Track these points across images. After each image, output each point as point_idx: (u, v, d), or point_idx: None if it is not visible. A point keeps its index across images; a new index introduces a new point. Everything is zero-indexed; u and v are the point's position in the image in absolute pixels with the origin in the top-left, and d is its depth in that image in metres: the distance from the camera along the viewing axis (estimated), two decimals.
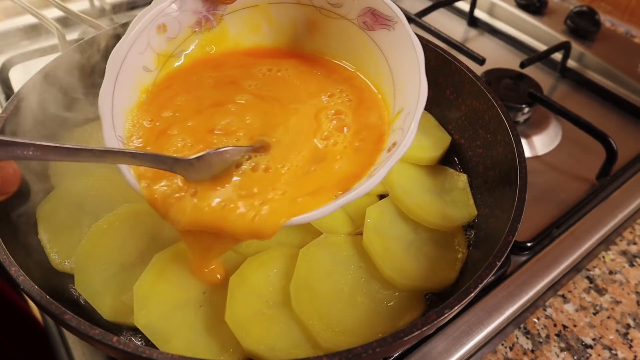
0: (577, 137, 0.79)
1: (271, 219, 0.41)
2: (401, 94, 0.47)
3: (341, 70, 0.55)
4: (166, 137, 0.47)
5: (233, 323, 0.45)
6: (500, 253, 0.44)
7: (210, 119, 0.48)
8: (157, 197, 0.43)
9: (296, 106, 0.50)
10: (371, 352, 0.37)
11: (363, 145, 0.46)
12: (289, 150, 0.46)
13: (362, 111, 0.50)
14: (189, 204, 0.42)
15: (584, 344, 0.62)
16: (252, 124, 0.48)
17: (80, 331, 0.38)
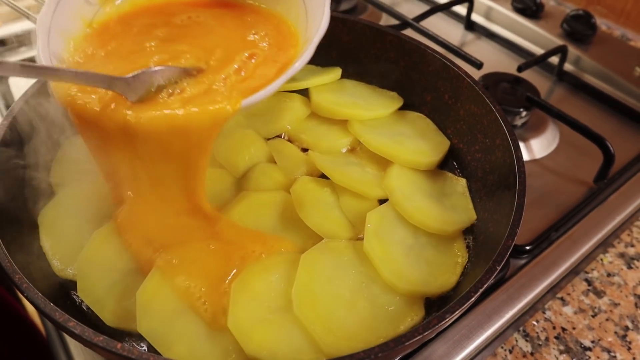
0: (575, 140, 0.79)
1: (229, 101, 0.44)
2: (311, 27, 0.51)
3: (261, 11, 0.57)
4: (103, 63, 0.49)
5: (235, 329, 0.45)
6: (500, 257, 0.44)
7: (146, 54, 0.50)
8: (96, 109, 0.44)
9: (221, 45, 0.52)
10: (373, 357, 0.37)
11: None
12: (218, 69, 0.49)
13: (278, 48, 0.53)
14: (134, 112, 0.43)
15: (583, 347, 0.62)
16: (183, 54, 0.50)
17: (84, 338, 0.39)
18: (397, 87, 0.74)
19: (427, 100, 0.71)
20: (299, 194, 0.55)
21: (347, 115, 0.67)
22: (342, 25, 0.73)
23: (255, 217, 0.54)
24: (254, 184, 0.58)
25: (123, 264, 0.51)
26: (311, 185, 0.58)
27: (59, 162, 0.60)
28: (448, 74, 0.67)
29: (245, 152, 0.61)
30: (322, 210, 0.55)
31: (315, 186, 0.58)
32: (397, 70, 0.72)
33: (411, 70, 0.71)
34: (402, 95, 0.73)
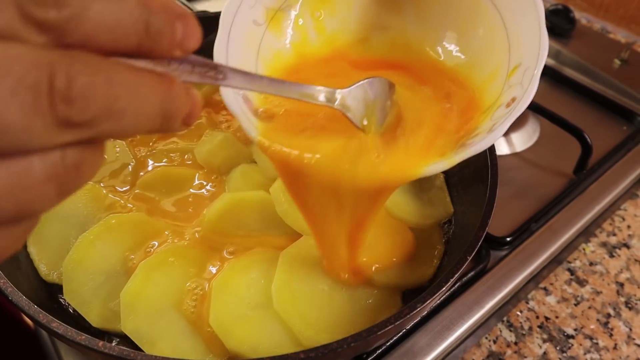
0: (555, 133, 0.80)
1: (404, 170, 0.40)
2: (517, 50, 0.44)
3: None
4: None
5: (217, 325, 0.47)
6: (471, 248, 0.46)
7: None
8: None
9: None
10: (346, 346, 0.39)
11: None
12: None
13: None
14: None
15: (566, 335, 0.63)
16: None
17: (68, 338, 0.40)
18: None
19: None
20: (278, 193, 0.56)
21: None
22: None
23: (236, 217, 0.55)
24: (234, 184, 0.59)
25: (108, 266, 0.52)
26: None
27: None
28: None
29: (226, 153, 0.63)
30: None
31: None
32: None
33: None
34: None
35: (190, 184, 0.59)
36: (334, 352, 0.38)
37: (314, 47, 0.51)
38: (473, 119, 0.43)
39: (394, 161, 0.40)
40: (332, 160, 0.39)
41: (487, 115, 0.42)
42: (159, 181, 0.59)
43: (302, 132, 0.41)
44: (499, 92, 0.43)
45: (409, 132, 0.42)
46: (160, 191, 0.59)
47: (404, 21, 0.51)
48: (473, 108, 0.45)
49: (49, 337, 0.60)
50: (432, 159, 0.40)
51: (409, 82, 0.47)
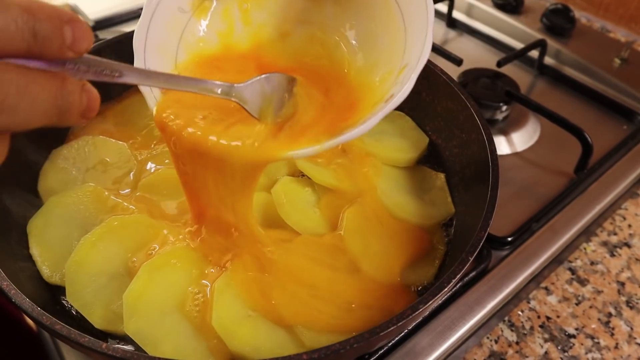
0: (555, 132, 0.81)
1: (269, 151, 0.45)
2: (409, 51, 0.48)
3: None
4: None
5: (219, 326, 0.47)
6: (472, 248, 0.46)
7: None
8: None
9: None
10: (349, 347, 0.39)
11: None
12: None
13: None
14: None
15: (567, 334, 0.63)
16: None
17: (71, 339, 0.40)
18: None
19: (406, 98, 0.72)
20: (280, 194, 0.56)
21: None
22: None
23: None
24: None
25: (111, 268, 0.52)
26: (292, 186, 0.59)
27: (46, 171, 0.62)
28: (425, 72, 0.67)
29: None
30: (301, 209, 0.57)
31: (297, 186, 0.60)
32: None
33: None
34: None
35: None
36: (336, 353, 0.38)
37: (239, 38, 0.56)
38: (354, 115, 0.48)
39: (270, 145, 0.45)
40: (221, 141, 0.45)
41: (369, 111, 0.47)
42: (160, 183, 0.59)
43: (202, 116, 0.47)
44: (387, 90, 0.47)
45: (294, 122, 0.48)
46: (162, 193, 0.59)
47: (324, 16, 0.56)
48: (357, 105, 0.49)
49: (52, 339, 0.60)
50: (303, 145, 0.45)
51: (303, 82, 0.52)
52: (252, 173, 0.47)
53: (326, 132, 0.46)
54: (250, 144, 0.45)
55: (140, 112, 0.68)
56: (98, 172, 0.61)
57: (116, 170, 0.61)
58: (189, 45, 0.53)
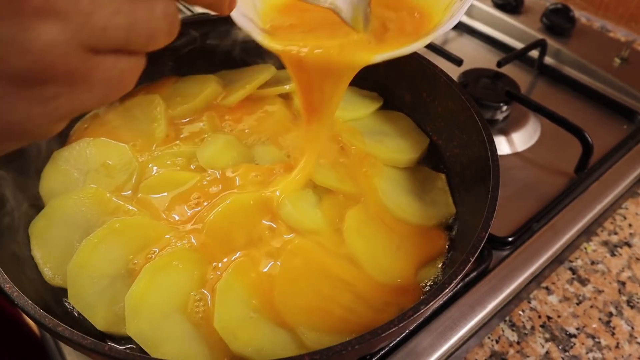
0: (556, 132, 0.81)
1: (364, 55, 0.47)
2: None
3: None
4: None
5: (221, 328, 0.47)
6: (473, 249, 0.46)
7: None
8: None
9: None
10: (350, 349, 0.39)
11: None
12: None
13: None
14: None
15: (568, 334, 0.64)
16: None
17: (73, 341, 0.40)
18: (376, 88, 0.75)
19: (407, 100, 0.73)
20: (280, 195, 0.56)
21: None
22: None
23: (238, 218, 0.56)
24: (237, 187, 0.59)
25: (112, 270, 0.52)
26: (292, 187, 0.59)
27: (48, 173, 0.62)
28: (425, 73, 0.68)
29: (228, 157, 0.63)
30: (301, 210, 0.57)
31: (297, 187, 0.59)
32: (376, 71, 0.74)
33: (390, 70, 0.73)
34: (382, 95, 0.75)
35: (194, 187, 0.59)
36: (338, 355, 0.39)
37: None
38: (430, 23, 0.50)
39: (363, 50, 0.48)
40: (323, 49, 0.48)
41: (445, 12, 0.49)
42: (162, 185, 0.60)
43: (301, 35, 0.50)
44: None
45: (382, 31, 0.50)
46: (164, 195, 0.59)
47: None
48: (426, 18, 0.52)
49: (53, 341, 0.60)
50: (396, 47, 0.47)
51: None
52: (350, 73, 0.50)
53: (412, 38, 0.48)
54: (351, 49, 0.47)
55: (142, 114, 0.69)
56: (99, 174, 0.61)
57: (117, 172, 0.62)
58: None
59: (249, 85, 0.70)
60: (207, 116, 0.68)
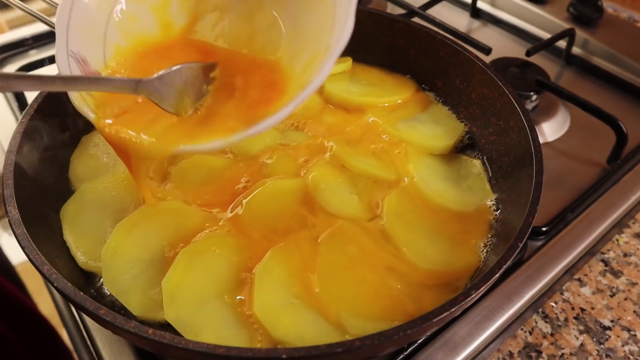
0: (586, 122, 0.79)
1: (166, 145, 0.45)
2: (334, 33, 0.45)
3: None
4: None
5: (261, 314, 0.46)
6: (521, 234, 0.45)
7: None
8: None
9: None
10: (402, 334, 0.38)
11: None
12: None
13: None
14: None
15: (603, 326, 0.62)
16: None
17: (116, 325, 0.39)
18: (408, 75, 0.74)
19: (439, 86, 0.71)
20: (317, 180, 0.55)
21: (361, 102, 0.68)
22: None
23: (275, 203, 0.55)
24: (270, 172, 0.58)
25: (147, 254, 0.51)
26: (328, 173, 0.58)
27: (77, 158, 0.61)
28: (459, 59, 0.67)
29: (260, 142, 0.62)
30: (339, 195, 0.56)
31: (333, 173, 0.59)
32: (408, 57, 0.73)
33: (421, 57, 0.72)
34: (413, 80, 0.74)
35: (227, 172, 0.58)
36: (389, 340, 0.37)
37: (176, 16, 0.54)
38: (275, 101, 0.46)
39: (171, 138, 0.46)
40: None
41: (289, 98, 0.44)
42: (194, 170, 0.59)
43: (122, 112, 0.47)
44: (310, 76, 0.44)
45: (209, 112, 0.47)
46: (196, 180, 0.58)
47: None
48: (281, 89, 0.47)
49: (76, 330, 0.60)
50: (213, 137, 0.44)
51: (227, 66, 0.51)
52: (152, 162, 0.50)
53: (242, 120, 0.45)
54: (150, 140, 0.45)
55: None
56: None
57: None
58: (123, 26, 0.51)
59: None
60: None
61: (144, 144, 0.45)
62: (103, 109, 0.47)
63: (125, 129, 0.46)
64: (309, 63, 0.46)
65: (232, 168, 0.59)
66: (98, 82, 0.42)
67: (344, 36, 0.41)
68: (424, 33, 0.69)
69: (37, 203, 0.54)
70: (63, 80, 0.40)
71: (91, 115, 0.46)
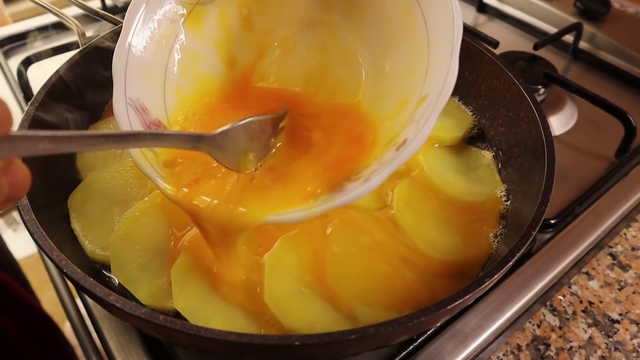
0: (593, 116, 0.79)
1: (249, 216, 0.41)
2: (431, 75, 0.39)
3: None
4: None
5: (272, 303, 0.46)
6: (534, 223, 0.45)
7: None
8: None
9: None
10: (416, 321, 0.37)
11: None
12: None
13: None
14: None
15: (611, 319, 0.62)
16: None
17: (127, 311, 0.39)
18: None
19: None
20: None
21: None
22: None
23: None
24: None
25: (156, 243, 0.51)
26: None
27: None
28: (468, 51, 0.66)
29: None
30: None
31: None
32: None
33: None
34: None
35: None
36: (404, 327, 0.37)
37: (240, 51, 0.48)
38: (361, 157, 0.39)
39: (247, 205, 0.40)
40: (212, 206, 0.42)
41: (376, 157, 0.38)
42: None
43: (195, 179, 0.43)
44: (402, 127, 0.38)
45: (281, 173, 0.41)
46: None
47: (332, 17, 0.47)
48: (365, 141, 0.41)
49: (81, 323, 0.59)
50: (291, 207, 0.39)
51: (299, 117, 0.45)
52: (231, 236, 0.43)
53: (324, 183, 0.39)
54: (224, 207, 0.40)
55: None
56: None
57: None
58: (184, 65, 0.45)
59: None
60: None
61: (233, 213, 0.41)
62: (170, 170, 0.43)
63: (202, 198, 0.42)
64: (396, 111, 0.40)
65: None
66: (156, 137, 0.37)
67: (447, 85, 0.36)
68: None
69: (44, 192, 0.54)
70: (115, 137, 0.34)
71: (169, 189, 0.42)
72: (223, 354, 0.43)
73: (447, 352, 0.53)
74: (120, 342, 0.54)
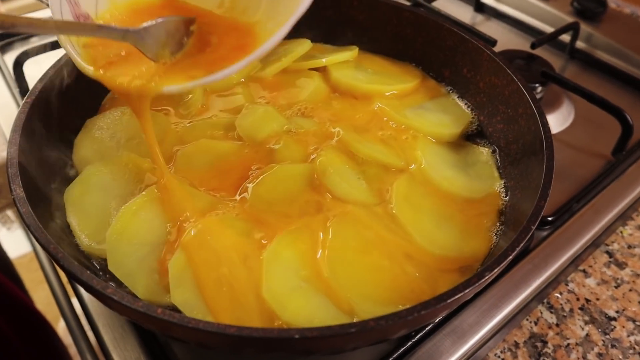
0: (590, 114, 0.79)
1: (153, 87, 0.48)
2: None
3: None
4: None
5: (270, 297, 0.45)
6: (534, 217, 0.45)
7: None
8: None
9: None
10: (416, 314, 0.37)
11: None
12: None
13: None
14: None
15: (608, 317, 0.62)
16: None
17: (124, 304, 0.38)
18: (415, 64, 0.74)
19: (446, 75, 0.71)
20: (325, 165, 0.55)
21: (367, 90, 0.67)
22: (357, 3, 0.73)
23: (282, 188, 0.54)
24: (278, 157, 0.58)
25: (153, 237, 0.50)
26: (336, 158, 0.58)
27: (81, 141, 0.60)
28: (466, 48, 0.67)
29: (267, 127, 0.61)
30: (347, 180, 0.55)
31: (340, 159, 0.58)
32: (414, 46, 0.72)
33: (428, 46, 0.71)
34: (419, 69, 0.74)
35: (233, 156, 0.58)
36: (403, 320, 0.37)
37: None
38: (238, 59, 0.48)
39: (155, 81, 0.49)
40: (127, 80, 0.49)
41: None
42: (200, 154, 0.58)
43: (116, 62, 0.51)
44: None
45: (181, 61, 0.51)
46: (202, 165, 0.57)
47: None
48: (243, 51, 0.50)
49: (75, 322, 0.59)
50: (177, 82, 0.48)
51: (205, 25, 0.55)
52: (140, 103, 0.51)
53: (203, 71, 0.48)
54: (136, 82, 0.49)
55: None
56: (134, 142, 0.60)
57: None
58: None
59: (284, 58, 0.68)
60: (243, 88, 0.66)
61: (136, 85, 0.49)
62: (87, 50, 0.52)
63: (118, 74, 0.50)
64: (273, 30, 0.48)
65: (238, 154, 0.58)
66: (91, 28, 0.47)
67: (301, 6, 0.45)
68: (431, 22, 0.69)
69: (40, 186, 0.53)
70: (57, 24, 0.45)
71: (89, 69, 0.49)
72: (221, 347, 0.43)
73: (445, 349, 0.53)
74: (116, 337, 0.53)
